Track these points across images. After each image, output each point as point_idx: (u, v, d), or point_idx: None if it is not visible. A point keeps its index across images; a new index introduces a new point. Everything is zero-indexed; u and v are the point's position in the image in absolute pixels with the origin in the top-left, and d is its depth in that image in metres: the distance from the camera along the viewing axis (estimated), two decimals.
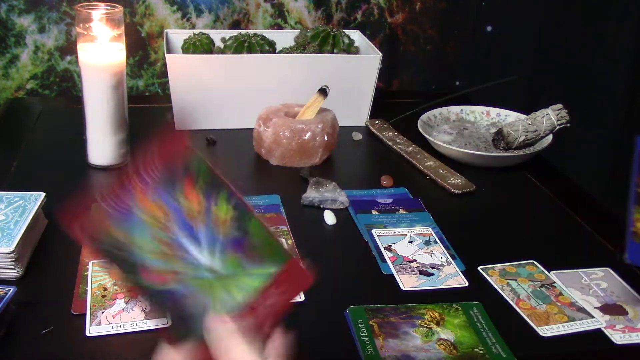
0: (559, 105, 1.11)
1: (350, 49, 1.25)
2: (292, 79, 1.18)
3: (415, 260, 0.83)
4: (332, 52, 1.23)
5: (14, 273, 0.74)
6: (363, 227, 0.90)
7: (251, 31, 1.23)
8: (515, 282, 0.79)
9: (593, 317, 0.74)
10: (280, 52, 1.24)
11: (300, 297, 0.74)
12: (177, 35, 1.25)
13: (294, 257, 0.44)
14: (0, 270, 0.74)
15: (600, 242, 0.90)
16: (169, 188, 0.38)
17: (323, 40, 1.23)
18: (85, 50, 0.97)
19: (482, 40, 1.50)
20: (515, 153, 1.10)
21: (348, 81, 1.20)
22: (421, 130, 1.13)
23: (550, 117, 1.10)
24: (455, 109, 1.24)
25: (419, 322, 0.71)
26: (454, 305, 0.74)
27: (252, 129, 1.10)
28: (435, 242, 0.87)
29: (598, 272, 0.83)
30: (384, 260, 0.83)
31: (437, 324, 0.71)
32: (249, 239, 0.41)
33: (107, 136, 1.01)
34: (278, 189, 0.99)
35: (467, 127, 1.21)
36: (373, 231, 0.88)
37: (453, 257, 0.84)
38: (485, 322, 0.71)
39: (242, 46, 1.18)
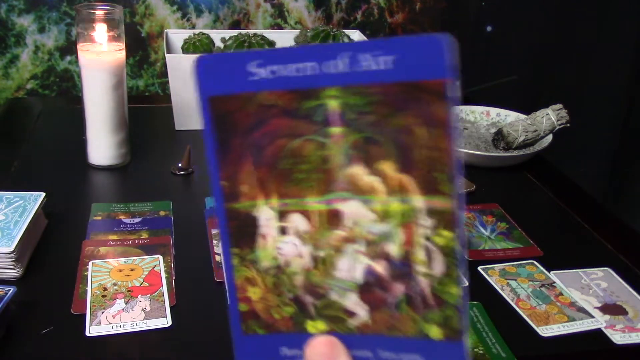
0: (559, 105, 1.11)
1: None
2: None
3: None
4: None
5: (14, 273, 0.74)
6: None
7: (251, 31, 1.23)
8: (515, 282, 0.79)
9: (593, 317, 0.74)
10: None
11: None
12: (177, 35, 1.25)
13: None
14: (0, 270, 0.74)
15: (600, 242, 0.90)
16: None
17: (323, 40, 1.23)
18: (85, 50, 0.97)
19: (482, 40, 1.50)
20: (515, 153, 1.10)
21: None
22: None
23: (550, 117, 1.10)
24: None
25: None
26: None
27: None
28: None
29: (598, 272, 0.82)
30: None
31: None
32: None
33: (107, 136, 1.01)
34: None
35: (467, 127, 1.21)
36: None
37: None
38: (485, 322, 0.71)
39: (242, 46, 1.18)
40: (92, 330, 0.67)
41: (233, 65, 0.27)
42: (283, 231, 0.29)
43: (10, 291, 0.67)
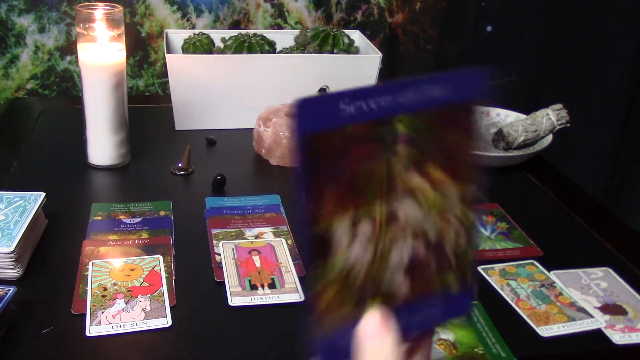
0: (559, 105, 1.11)
1: (350, 49, 1.25)
2: (292, 79, 1.18)
3: None
4: (332, 52, 1.23)
5: (14, 273, 0.74)
6: None
7: (251, 31, 1.23)
8: (515, 282, 0.79)
9: (593, 317, 0.74)
10: (280, 52, 1.24)
11: (301, 297, 0.74)
12: (177, 35, 1.25)
13: None
14: (0, 270, 0.74)
15: (600, 242, 0.90)
16: None
17: (323, 40, 1.23)
18: (85, 50, 0.97)
19: (482, 40, 1.50)
20: (515, 153, 1.10)
21: (348, 81, 1.20)
22: None
23: (550, 117, 1.10)
24: None
25: None
26: None
27: (252, 129, 1.10)
28: None
29: (598, 272, 0.83)
30: None
31: None
32: None
33: (107, 136, 1.01)
34: (278, 189, 0.99)
35: None
36: None
37: None
38: (485, 322, 0.71)
39: (242, 46, 1.18)
40: (92, 330, 0.67)
41: (328, 105, 0.32)
42: (353, 238, 0.33)
43: (10, 291, 0.67)
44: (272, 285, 0.76)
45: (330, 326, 0.35)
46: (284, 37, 1.27)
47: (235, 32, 1.23)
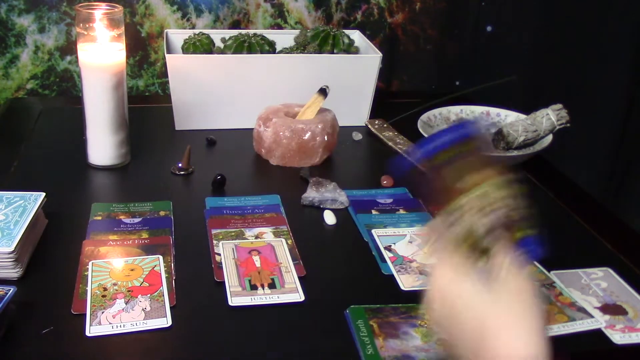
0: (559, 105, 1.11)
1: (350, 49, 1.25)
2: (292, 79, 1.18)
3: (415, 260, 0.83)
4: (332, 52, 1.23)
5: (14, 273, 0.74)
6: (363, 227, 0.90)
7: (251, 31, 1.23)
8: None
9: (593, 317, 0.74)
10: (280, 52, 1.24)
11: (300, 297, 0.74)
12: (177, 35, 1.25)
13: None
14: (0, 270, 0.74)
15: (600, 242, 0.90)
16: None
17: (323, 40, 1.23)
18: (85, 51, 0.97)
19: (482, 40, 1.50)
20: (515, 153, 1.10)
21: (348, 81, 1.20)
22: (421, 130, 1.13)
23: (550, 117, 1.10)
24: (455, 109, 1.24)
25: (419, 322, 0.71)
26: None
27: (252, 129, 1.10)
28: None
29: (598, 272, 0.83)
30: (383, 260, 0.83)
31: None
32: None
33: (107, 136, 1.01)
34: (278, 189, 0.99)
35: None
36: (373, 231, 0.88)
37: None
38: None
39: (242, 46, 1.18)
40: (92, 330, 0.67)
41: (427, 144, 0.56)
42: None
43: (10, 291, 0.68)
44: (272, 285, 0.76)
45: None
46: (284, 37, 1.27)
47: (235, 32, 1.23)
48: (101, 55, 0.97)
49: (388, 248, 0.85)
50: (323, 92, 1.09)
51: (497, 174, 0.58)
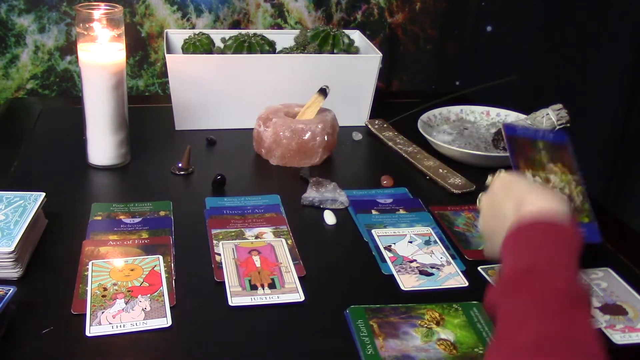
0: (559, 105, 1.11)
1: (350, 49, 1.25)
2: (292, 79, 1.18)
3: (415, 260, 0.83)
4: (332, 52, 1.23)
5: (14, 273, 0.74)
6: (363, 227, 0.90)
7: (251, 31, 1.23)
8: None
9: (593, 317, 0.74)
10: (280, 52, 1.24)
11: (300, 297, 0.74)
12: (177, 35, 1.25)
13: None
14: (0, 270, 0.74)
15: (600, 242, 0.90)
16: None
17: (323, 40, 1.23)
18: (85, 50, 0.97)
19: (482, 40, 1.50)
20: None
21: (348, 81, 1.20)
22: (421, 130, 1.13)
23: (550, 117, 1.10)
24: (455, 109, 1.24)
25: (419, 322, 0.71)
26: (454, 306, 0.74)
27: (252, 129, 1.10)
28: (435, 242, 0.87)
29: (598, 272, 0.83)
30: (384, 260, 0.83)
31: (437, 324, 0.71)
32: None
33: (107, 136, 1.01)
34: (278, 189, 0.99)
35: (467, 127, 1.21)
36: (373, 231, 0.88)
37: (453, 257, 0.84)
38: (485, 322, 0.71)
39: (242, 46, 1.18)
40: (92, 330, 0.67)
41: (515, 127, 0.85)
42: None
43: (10, 291, 0.68)
44: (272, 285, 0.76)
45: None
46: (284, 37, 1.27)
47: (235, 32, 1.23)
48: (101, 55, 0.97)
49: (388, 248, 0.85)
50: (323, 92, 1.09)
51: (574, 173, 0.77)
